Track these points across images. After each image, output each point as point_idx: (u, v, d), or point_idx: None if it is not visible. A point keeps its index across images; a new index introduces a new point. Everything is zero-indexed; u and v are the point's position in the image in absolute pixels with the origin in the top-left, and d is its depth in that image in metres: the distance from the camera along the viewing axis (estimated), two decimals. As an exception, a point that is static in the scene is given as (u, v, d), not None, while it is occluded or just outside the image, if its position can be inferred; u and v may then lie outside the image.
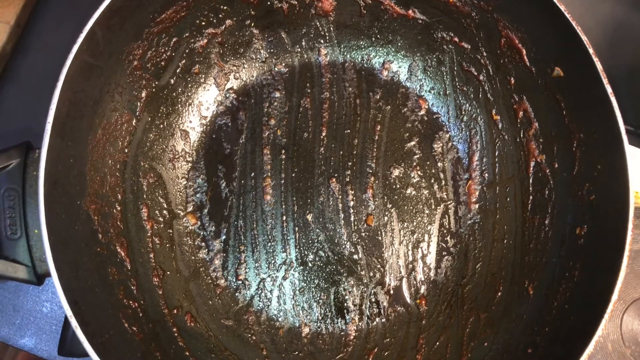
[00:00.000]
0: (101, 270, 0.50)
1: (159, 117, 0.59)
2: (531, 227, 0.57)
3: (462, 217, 0.61)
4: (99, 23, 0.48)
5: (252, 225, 0.60)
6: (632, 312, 0.62)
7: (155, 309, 0.53)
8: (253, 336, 0.57)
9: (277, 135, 0.63)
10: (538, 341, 0.50)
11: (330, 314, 0.58)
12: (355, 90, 0.64)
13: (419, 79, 0.64)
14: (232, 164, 0.62)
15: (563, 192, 0.54)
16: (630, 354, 0.61)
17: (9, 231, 0.49)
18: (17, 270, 0.49)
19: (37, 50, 0.68)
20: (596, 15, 0.70)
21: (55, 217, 0.45)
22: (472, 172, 0.62)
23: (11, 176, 0.49)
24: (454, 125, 0.63)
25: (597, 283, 0.47)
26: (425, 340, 0.57)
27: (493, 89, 0.60)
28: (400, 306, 0.59)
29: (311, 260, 0.60)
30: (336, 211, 0.61)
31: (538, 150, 0.57)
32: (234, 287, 0.59)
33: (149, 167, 0.58)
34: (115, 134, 0.54)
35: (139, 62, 0.55)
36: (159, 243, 0.57)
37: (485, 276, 0.59)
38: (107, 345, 0.44)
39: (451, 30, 0.60)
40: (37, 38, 0.68)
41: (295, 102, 0.63)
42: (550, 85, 0.54)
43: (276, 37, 0.63)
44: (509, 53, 0.57)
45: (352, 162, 0.62)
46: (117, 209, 0.54)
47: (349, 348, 0.58)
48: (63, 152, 0.47)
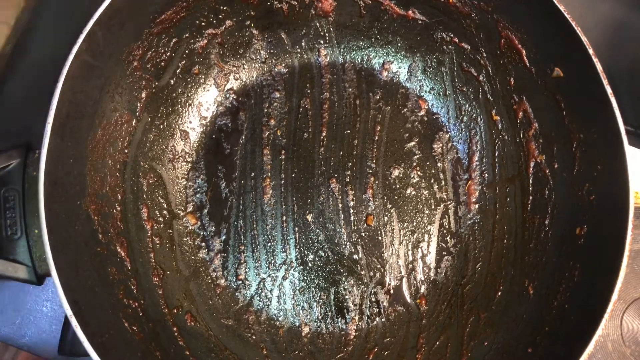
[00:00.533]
0: (101, 270, 0.50)
1: (159, 117, 0.59)
2: (531, 227, 0.57)
3: (462, 217, 0.61)
4: (99, 23, 0.48)
5: (252, 225, 0.60)
6: (632, 312, 0.62)
7: (155, 309, 0.53)
8: (253, 336, 0.57)
9: (277, 135, 0.63)
10: (538, 341, 0.50)
11: (330, 314, 0.58)
12: (355, 90, 0.64)
13: (418, 79, 0.64)
14: (232, 164, 0.62)
15: (563, 192, 0.54)
16: (630, 353, 0.61)
17: (9, 231, 0.49)
18: (17, 270, 0.49)
19: (37, 50, 0.68)
20: (596, 15, 0.70)
21: (55, 217, 0.45)
22: (472, 172, 0.62)
23: (11, 176, 0.49)
24: (453, 125, 0.63)
25: (597, 283, 0.47)
26: (425, 340, 0.57)
27: (493, 89, 0.60)
28: (400, 306, 0.59)
29: (311, 260, 0.60)
30: (336, 211, 0.61)
31: (538, 151, 0.57)
32: (234, 287, 0.59)
33: (149, 167, 0.58)
34: (115, 134, 0.54)
35: (138, 62, 0.55)
36: (159, 243, 0.57)
37: (485, 276, 0.59)
38: (107, 345, 0.44)
39: (451, 30, 0.60)
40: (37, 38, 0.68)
41: (295, 102, 0.63)
42: (550, 86, 0.54)
43: (276, 38, 0.63)
44: (508, 53, 0.57)
45: (352, 162, 0.62)
46: (117, 209, 0.54)
47: (349, 347, 0.58)
48: (63, 152, 0.47)
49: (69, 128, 0.47)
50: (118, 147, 0.55)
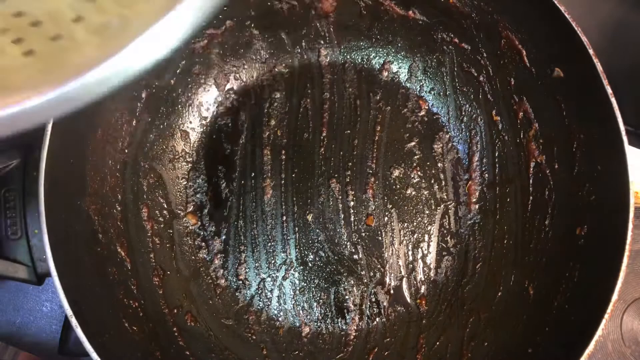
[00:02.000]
0: (101, 270, 0.50)
1: (159, 117, 0.59)
2: (531, 227, 0.57)
3: (462, 217, 0.61)
4: (99, 23, 0.47)
5: (252, 225, 0.60)
6: (632, 312, 0.62)
7: (155, 309, 0.53)
8: (253, 336, 0.57)
9: (277, 135, 0.63)
10: (538, 341, 0.50)
11: (330, 314, 0.58)
12: (356, 91, 0.64)
13: (419, 79, 0.64)
14: (232, 164, 0.62)
15: (563, 192, 0.54)
16: (630, 353, 0.61)
17: (9, 231, 0.49)
18: (17, 270, 0.49)
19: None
20: (596, 16, 0.70)
21: (55, 217, 0.45)
22: (472, 172, 0.62)
23: (11, 176, 0.49)
24: (454, 125, 0.63)
25: (597, 283, 0.47)
26: (426, 340, 0.57)
27: (493, 89, 0.60)
28: (400, 306, 0.59)
29: (311, 260, 0.60)
30: (336, 211, 0.61)
31: (538, 151, 0.57)
32: (234, 287, 0.59)
33: (149, 167, 0.58)
34: (115, 134, 0.54)
35: (139, 62, 0.55)
36: (159, 243, 0.57)
37: (485, 276, 0.58)
38: (107, 345, 0.44)
39: (451, 31, 0.60)
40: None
41: (295, 102, 0.63)
42: (551, 86, 0.54)
43: (276, 38, 0.63)
44: (509, 54, 0.57)
45: (352, 162, 0.62)
46: (117, 209, 0.54)
47: (349, 348, 0.58)
48: (63, 152, 0.47)
49: (69, 128, 0.47)
50: (118, 147, 0.55)
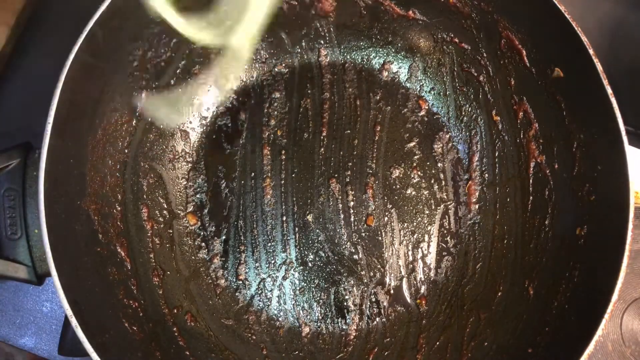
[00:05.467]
0: (101, 270, 0.50)
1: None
2: (531, 227, 0.57)
3: (462, 217, 0.61)
4: (99, 23, 0.47)
5: (252, 225, 0.60)
6: (632, 312, 0.62)
7: (155, 309, 0.53)
8: (253, 336, 0.57)
9: (277, 135, 0.63)
10: (538, 341, 0.50)
11: (330, 314, 0.58)
12: (356, 90, 0.64)
13: (419, 79, 0.64)
14: (232, 164, 0.62)
15: (563, 192, 0.54)
16: (630, 353, 0.61)
17: (9, 231, 0.49)
18: (17, 270, 0.49)
19: (37, 50, 0.68)
20: (596, 16, 0.70)
21: (55, 217, 0.45)
22: (472, 172, 0.62)
23: (11, 176, 0.49)
24: (454, 125, 0.63)
25: (597, 283, 0.47)
26: (426, 340, 0.57)
27: (493, 89, 0.60)
28: (400, 306, 0.59)
29: (311, 260, 0.60)
30: (336, 211, 0.61)
31: (538, 151, 0.57)
32: (234, 287, 0.59)
33: (149, 167, 0.58)
34: (115, 134, 0.54)
35: (139, 62, 0.55)
36: (159, 243, 0.57)
37: (485, 276, 0.59)
38: (107, 345, 0.44)
39: (451, 31, 0.60)
40: (37, 38, 0.68)
41: (295, 102, 0.63)
42: (551, 86, 0.54)
43: (276, 38, 0.63)
44: (509, 54, 0.57)
45: (352, 162, 0.62)
46: (117, 209, 0.54)
47: (349, 348, 0.58)
48: (63, 152, 0.47)
49: (69, 128, 0.47)
50: (118, 147, 0.55)
